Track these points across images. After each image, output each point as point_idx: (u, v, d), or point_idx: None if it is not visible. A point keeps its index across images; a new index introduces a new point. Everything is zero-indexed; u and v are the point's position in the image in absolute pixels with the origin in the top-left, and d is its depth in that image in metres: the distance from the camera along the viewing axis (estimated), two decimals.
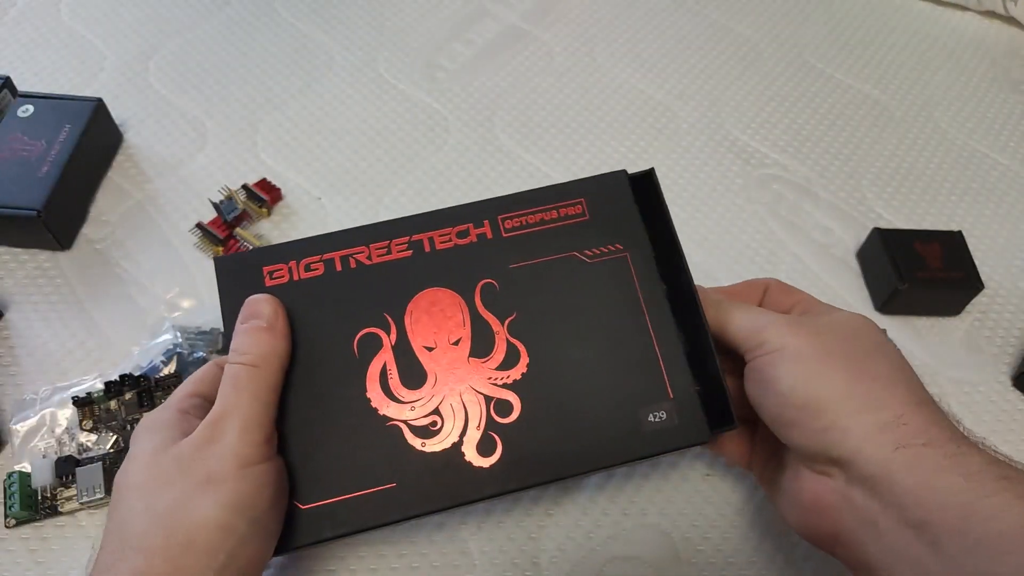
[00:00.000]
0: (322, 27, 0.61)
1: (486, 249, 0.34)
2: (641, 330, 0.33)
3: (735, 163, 0.55)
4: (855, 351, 0.31)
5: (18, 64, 0.56)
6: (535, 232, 0.34)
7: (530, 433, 0.31)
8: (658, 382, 0.32)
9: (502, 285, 0.33)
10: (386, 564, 0.37)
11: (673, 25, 0.64)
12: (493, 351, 0.32)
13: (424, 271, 0.33)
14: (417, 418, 0.31)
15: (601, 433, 0.31)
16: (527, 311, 0.33)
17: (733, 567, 0.38)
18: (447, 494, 0.30)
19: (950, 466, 0.27)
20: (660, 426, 0.32)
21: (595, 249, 0.34)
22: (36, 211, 0.43)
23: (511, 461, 0.31)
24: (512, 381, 0.32)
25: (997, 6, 0.64)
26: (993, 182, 0.55)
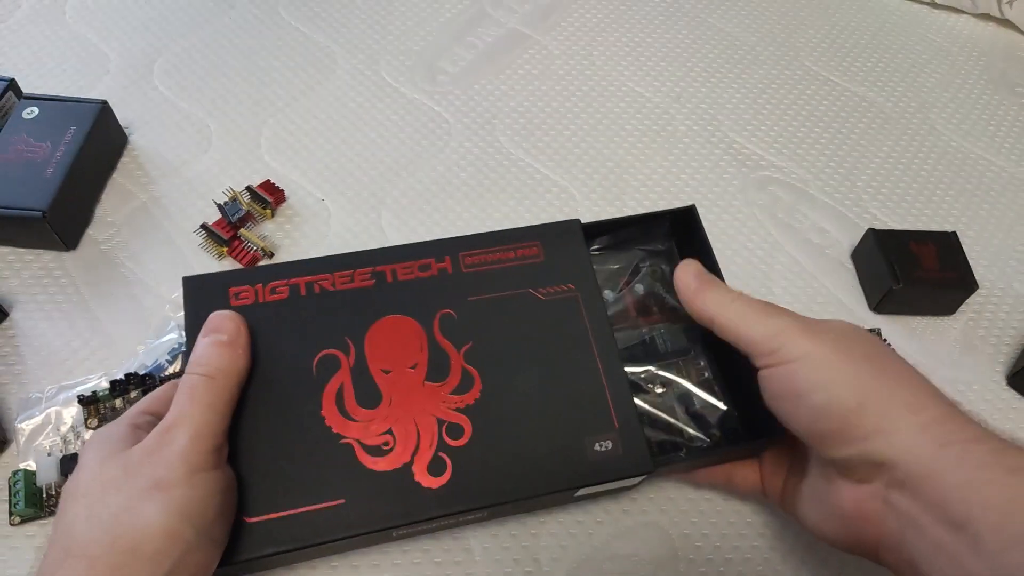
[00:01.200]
0: (325, 30, 0.62)
1: (446, 282, 0.36)
2: (589, 363, 0.34)
3: (731, 165, 0.55)
4: (878, 356, 0.30)
5: (23, 66, 0.57)
6: (493, 269, 0.36)
7: (479, 456, 0.32)
8: (604, 413, 0.33)
9: (460, 315, 0.35)
10: (389, 560, 0.38)
11: (671, 29, 0.64)
12: (448, 376, 0.34)
13: (386, 299, 0.35)
14: (370, 437, 0.32)
15: (548, 459, 0.33)
16: (483, 340, 0.34)
17: (731, 564, 0.38)
18: (395, 513, 0.31)
19: (994, 462, 0.27)
20: (605, 455, 0.33)
21: (548, 288, 0.36)
22: (41, 212, 0.44)
23: (459, 483, 0.32)
24: (465, 406, 0.33)
25: (992, 8, 0.65)
26: (988, 183, 0.55)
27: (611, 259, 0.40)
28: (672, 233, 0.41)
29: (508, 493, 0.32)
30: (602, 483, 0.33)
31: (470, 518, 0.33)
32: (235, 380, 0.31)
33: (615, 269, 0.40)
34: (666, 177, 0.54)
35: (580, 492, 0.34)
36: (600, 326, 0.35)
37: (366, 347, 0.34)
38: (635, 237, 0.41)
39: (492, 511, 0.33)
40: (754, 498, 0.39)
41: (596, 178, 0.54)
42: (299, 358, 0.33)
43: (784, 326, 0.31)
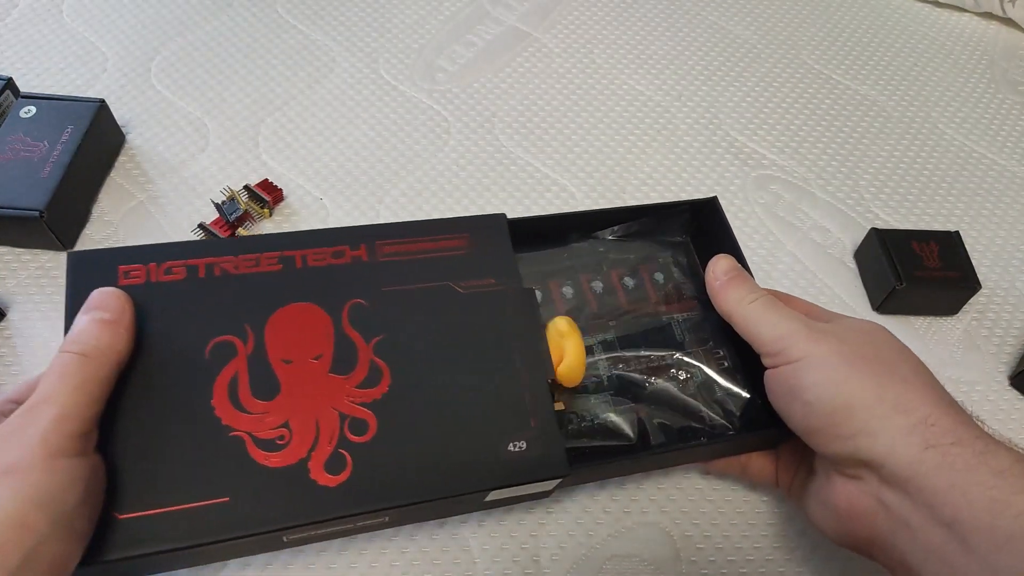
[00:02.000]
0: (323, 29, 0.61)
1: (360, 270, 0.33)
2: (508, 362, 0.33)
3: (733, 164, 0.55)
4: (878, 356, 0.31)
5: (20, 65, 0.57)
6: (411, 260, 0.34)
7: (384, 454, 0.30)
8: (521, 413, 0.32)
9: (372, 306, 0.33)
10: (387, 560, 0.37)
11: (671, 27, 0.64)
12: (355, 369, 0.31)
13: (292, 286, 0.33)
14: (264, 430, 0.30)
15: (458, 458, 0.31)
16: (395, 333, 0.32)
17: (733, 565, 0.38)
18: (285, 513, 0.29)
19: (978, 464, 0.27)
20: (519, 456, 0.31)
21: (470, 282, 0.34)
22: (39, 212, 0.44)
23: (360, 482, 0.29)
24: (371, 400, 0.31)
25: (995, 7, 0.65)
26: (990, 182, 0.55)
27: (628, 247, 0.40)
28: (690, 225, 0.41)
29: (413, 494, 0.30)
30: (514, 485, 0.31)
31: (371, 522, 0.31)
32: (112, 361, 0.28)
33: (632, 258, 0.40)
34: (667, 176, 0.54)
35: (492, 496, 0.32)
36: (522, 323, 0.33)
37: (267, 335, 0.31)
38: (652, 228, 0.40)
39: (397, 516, 0.31)
40: (766, 488, 0.39)
41: (596, 176, 0.54)
42: (191, 344, 0.30)
43: (792, 329, 0.32)
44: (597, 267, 0.39)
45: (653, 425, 0.36)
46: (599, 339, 0.38)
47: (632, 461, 0.36)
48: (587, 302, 0.39)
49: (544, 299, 0.38)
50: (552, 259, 0.40)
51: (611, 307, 0.39)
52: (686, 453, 0.37)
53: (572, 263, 0.40)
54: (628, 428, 0.36)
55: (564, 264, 0.39)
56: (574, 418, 0.36)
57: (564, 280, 0.39)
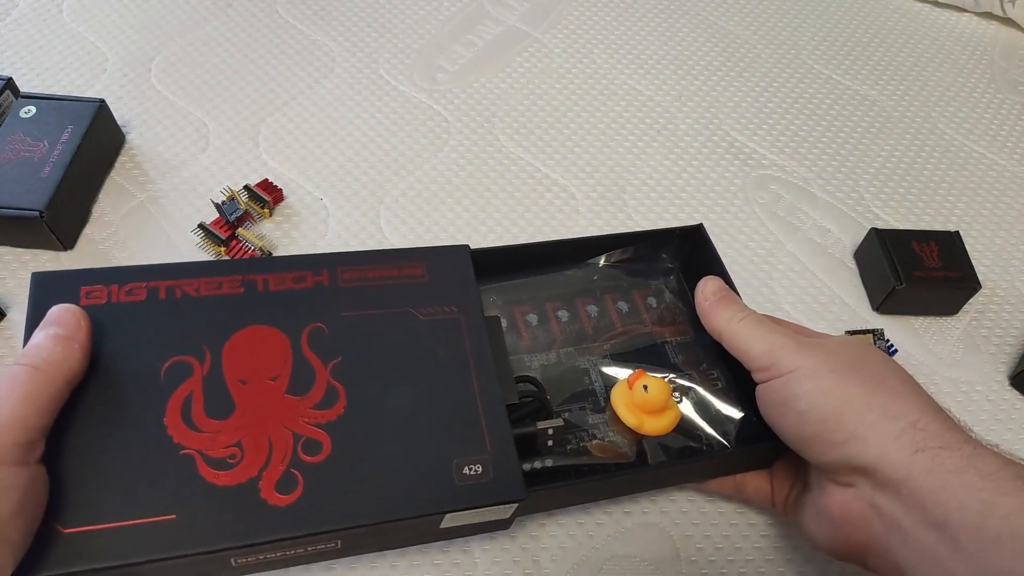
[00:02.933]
0: (323, 29, 0.61)
1: (320, 295, 0.34)
2: (466, 386, 0.33)
3: (733, 164, 0.55)
4: (866, 366, 0.32)
5: (20, 65, 0.57)
6: (372, 286, 0.35)
7: (336, 475, 0.30)
8: (478, 437, 0.32)
9: (331, 330, 0.33)
10: (387, 562, 0.37)
11: (671, 27, 0.64)
12: (311, 390, 0.32)
13: (253, 308, 0.33)
14: (215, 449, 0.30)
15: (412, 482, 0.31)
16: (353, 356, 0.33)
17: (733, 565, 0.38)
18: (232, 532, 0.28)
19: (967, 467, 0.28)
20: (474, 480, 0.31)
21: (429, 308, 0.35)
22: (38, 212, 0.44)
23: (310, 503, 0.29)
24: (326, 422, 0.31)
25: (995, 7, 0.65)
26: (990, 182, 0.55)
27: (621, 273, 0.41)
28: (680, 250, 0.42)
29: (364, 516, 0.29)
30: (469, 508, 0.31)
31: (322, 548, 0.31)
32: (63, 376, 0.28)
33: (625, 284, 0.41)
34: (667, 176, 0.54)
35: (447, 523, 0.32)
36: (481, 350, 0.34)
37: (224, 356, 0.32)
38: (644, 254, 0.41)
39: (347, 543, 0.31)
40: (763, 508, 0.39)
41: (596, 176, 0.54)
42: (147, 363, 0.31)
43: (781, 343, 0.33)
44: (592, 291, 0.40)
45: (652, 444, 0.37)
46: (595, 360, 0.39)
47: (630, 480, 0.36)
48: (583, 325, 0.40)
49: (540, 321, 0.39)
50: (547, 284, 0.40)
51: (606, 329, 0.40)
52: (683, 471, 0.37)
53: (567, 289, 0.40)
54: (626, 447, 0.36)
55: (560, 289, 0.40)
56: (571, 438, 0.36)
57: (560, 304, 0.40)
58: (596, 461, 0.36)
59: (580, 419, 0.37)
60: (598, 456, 0.36)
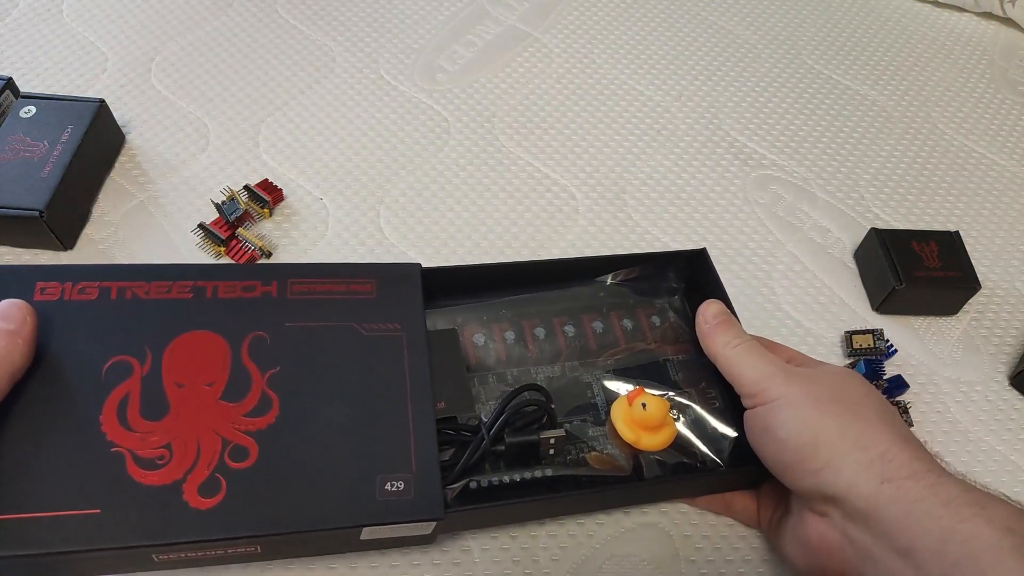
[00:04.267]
0: (323, 29, 0.61)
1: (267, 305, 0.35)
2: (400, 404, 0.33)
3: (733, 164, 0.55)
4: (845, 397, 0.33)
5: (20, 65, 0.57)
6: (319, 299, 0.35)
7: (260, 483, 0.31)
8: (404, 455, 0.32)
9: (273, 340, 0.34)
10: (387, 562, 0.37)
11: (671, 27, 0.64)
12: (246, 398, 0.32)
13: (198, 314, 0.34)
14: (146, 449, 0.30)
15: (334, 494, 0.31)
16: (292, 367, 0.33)
17: (731, 565, 0.38)
18: (152, 531, 0.29)
19: (929, 495, 0.29)
20: (395, 496, 0.31)
21: (374, 324, 0.35)
22: (39, 212, 0.44)
23: (231, 508, 0.30)
24: (256, 429, 0.32)
25: (995, 7, 0.65)
26: (990, 182, 0.55)
27: (627, 292, 0.42)
28: (684, 272, 0.43)
29: (282, 525, 0.30)
30: (387, 523, 0.31)
31: (243, 551, 0.31)
32: (5, 369, 0.29)
33: (631, 302, 0.42)
34: (667, 176, 0.54)
35: (367, 535, 0.32)
36: (419, 370, 0.34)
37: (164, 358, 0.32)
38: (650, 274, 0.42)
39: (268, 548, 0.31)
40: (749, 525, 0.39)
41: (596, 176, 0.54)
42: (90, 361, 0.32)
43: (770, 372, 0.34)
44: (598, 308, 0.41)
45: (648, 459, 0.37)
46: (598, 375, 0.40)
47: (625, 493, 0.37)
48: (588, 340, 0.40)
49: (547, 335, 0.40)
50: (556, 300, 0.41)
51: (610, 345, 0.40)
52: (676, 487, 0.38)
53: (574, 304, 0.41)
54: (623, 461, 0.37)
55: (567, 305, 0.41)
56: (572, 449, 0.37)
57: (567, 319, 0.41)
58: (594, 473, 0.36)
59: (581, 431, 0.38)
60: (596, 468, 0.37)
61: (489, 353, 0.39)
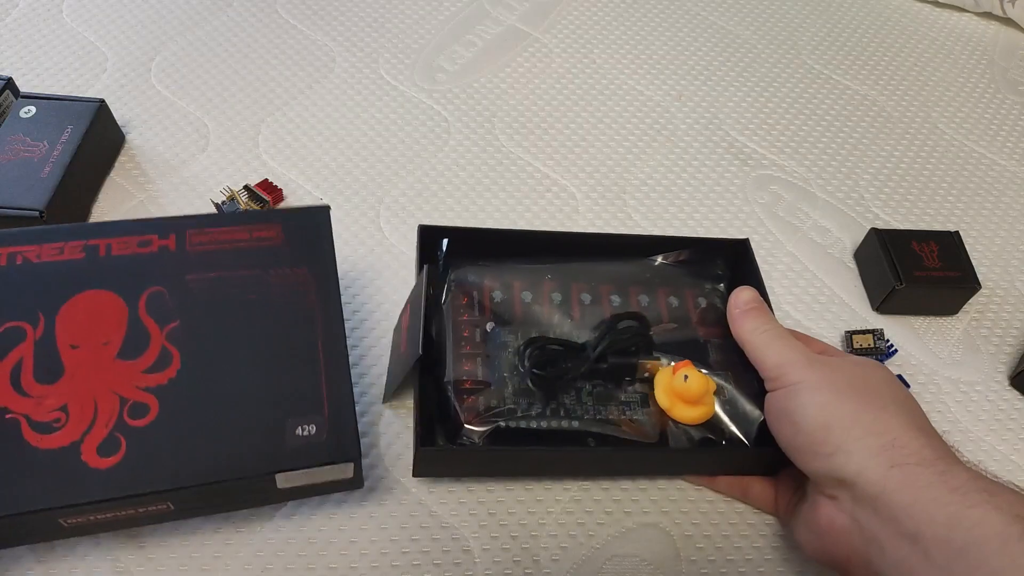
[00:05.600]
0: (323, 29, 0.61)
1: (165, 259, 0.34)
2: (309, 348, 0.33)
3: (733, 164, 0.55)
4: (865, 385, 0.34)
5: (20, 65, 0.57)
6: (221, 249, 0.34)
7: (162, 438, 0.30)
8: (314, 397, 0.32)
9: (172, 294, 0.33)
10: (387, 561, 0.37)
11: (671, 27, 0.64)
12: (144, 354, 0.32)
13: (93, 273, 0.33)
14: (41, 413, 0.30)
15: (241, 444, 0.30)
16: (192, 320, 0.33)
17: (732, 565, 0.38)
18: (52, 494, 0.29)
19: (938, 482, 0.29)
20: (307, 440, 0.31)
21: (279, 270, 0.34)
22: (39, 211, 0.44)
23: (132, 465, 0.29)
24: (156, 385, 0.31)
25: (995, 7, 0.65)
26: (990, 182, 0.55)
27: (676, 272, 0.43)
28: (732, 259, 0.44)
29: (186, 479, 0.29)
30: (297, 468, 0.30)
31: (152, 510, 0.31)
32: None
33: (679, 282, 0.43)
34: (667, 176, 0.54)
35: (284, 483, 0.31)
36: (330, 312, 0.34)
37: (58, 321, 0.32)
38: (699, 258, 0.44)
39: (180, 505, 0.31)
40: (766, 512, 0.40)
41: (596, 176, 0.54)
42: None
43: (792, 358, 0.35)
44: (646, 283, 0.42)
45: (676, 433, 0.38)
46: None
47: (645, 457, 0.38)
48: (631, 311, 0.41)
49: (593, 301, 0.41)
50: (604, 271, 0.42)
51: (655, 320, 0.41)
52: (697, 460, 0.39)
53: (622, 277, 0.42)
54: (650, 428, 0.38)
55: (615, 277, 0.42)
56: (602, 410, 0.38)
57: (613, 288, 0.42)
58: (620, 434, 0.38)
59: (614, 394, 0.39)
60: (623, 431, 0.38)
61: (532, 312, 0.40)
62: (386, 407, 0.42)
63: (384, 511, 0.39)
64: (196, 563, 0.37)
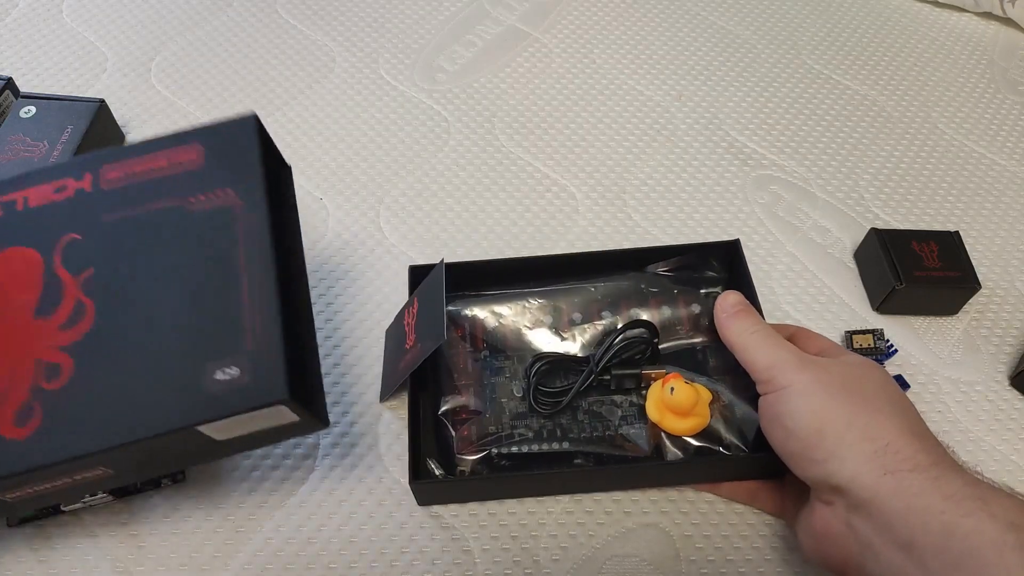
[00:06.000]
0: (323, 29, 0.61)
1: (80, 203, 0.31)
2: (231, 285, 0.30)
3: (733, 164, 0.55)
4: (859, 387, 0.33)
5: (20, 65, 0.57)
6: (138, 182, 0.32)
7: (78, 400, 0.28)
8: (236, 337, 0.29)
9: (88, 239, 0.31)
10: (386, 560, 0.37)
11: (671, 27, 0.64)
12: (59, 310, 0.29)
13: (10, 231, 0.31)
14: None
15: (160, 396, 0.28)
16: (108, 265, 0.30)
17: (732, 565, 0.38)
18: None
19: (931, 489, 0.29)
20: (230, 385, 0.28)
21: (202, 196, 0.31)
22: None
23: (50, 431, 0.28)
24: (71, 343, 0.29)
25: (995, 7, 0.65)
26: (990, 182, 0.55)
27: (670, 281, 0.43)
28: (725, 261, 0.44)
29: (103, 440, 0.27)
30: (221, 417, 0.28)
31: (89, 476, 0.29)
32: None
33: (674, 291, 0.43)
34: (667, 176, 0.54)
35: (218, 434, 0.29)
36: (256, 236, 0.30)
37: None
38: (694, 264, 0.44)
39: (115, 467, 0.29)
40: (776, 516, 0.39)
41: (596, 176, 0.54)
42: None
43: (782, 359, 0.34)
44: (640, 296, 0.43)
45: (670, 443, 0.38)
46: None
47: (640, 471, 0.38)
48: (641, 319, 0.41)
49: (584, 319, 0.42)
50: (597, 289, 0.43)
51: None
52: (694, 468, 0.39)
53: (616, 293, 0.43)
54: (644, 442, 0.38)
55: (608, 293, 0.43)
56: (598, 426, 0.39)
57: (605, 305, 0.42)
58: (612, 451, 0.38)
59: (609, 410, 0.39)
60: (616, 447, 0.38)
61: (524, 337, 0.41)
62: (385, 407, 0.42)
63: (384, 511, 0.39)
64: (196, 563, 0.37)
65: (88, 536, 0.38)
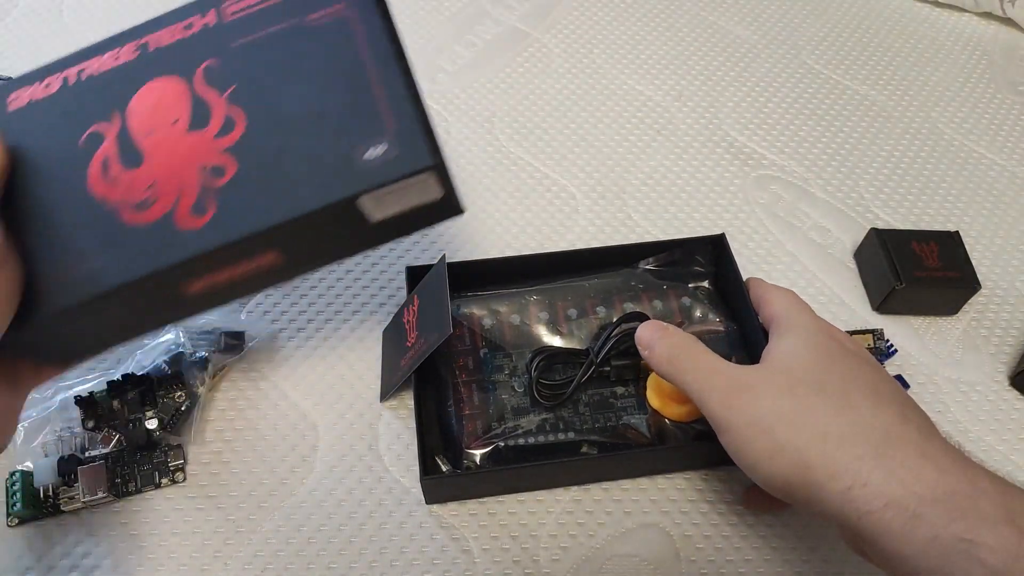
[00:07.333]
0: None
1: (209, 35, 0.35)
2: (361, 81, 0.34)
3: (732, 164, 0.55)
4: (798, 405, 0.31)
5: (20, 66, 0.56)
6: (258, 11, 0.36)
7: (245, 190, 0.32)
8: (377, 123, 0.33)
9: (223, 62, 0.35)
10: (386, 560, 0.37)
11: (671, 27, 0.64)
12: (211, 122, 0.33)
13: (150, 66, 0.35)
14: (133, 194, 0.32)
15: (322, 174, 0.32)
16: (246, 80, 0.34)
17: (732, 565, 0.38)
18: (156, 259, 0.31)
19: (909, 531, 0.28)
20: (382, 159, 0.32)
21: (318, 12, 0.35)
22: None
23: (224, 218, 0.32)
24: (230, 144, 0.33)
25: (994, 7, 0.65)
26: (990, 182, 0.55)
27: (661, 276, 0.44)
28: (712, 255, 0.45)
29: (275, 215, 0.31)
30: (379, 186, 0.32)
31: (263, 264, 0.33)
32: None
33: (664, 286, 0.44)
34: (667, 176, 0.54)
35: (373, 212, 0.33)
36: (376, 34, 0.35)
37: (129, 116, 0.34)
38: (683, 258, 0.45)
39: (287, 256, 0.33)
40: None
41: (596, 176, 0.54)
42: (66, 143, 0.34)
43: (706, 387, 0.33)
44: (631, 291, 0.44)
45: (672, 429, 0.39)
46: None
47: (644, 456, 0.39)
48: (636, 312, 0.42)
49: (579, 315, 0.43)
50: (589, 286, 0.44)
51: None
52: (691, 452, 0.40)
53: (607, 289, 0.44)
54: (646, 430, 0.39)
55: (599, 289, 0.44)
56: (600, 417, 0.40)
57: (599, 301, 0.43)
58: (616, 440, 0.39)
59: (610, 401, 0.40)
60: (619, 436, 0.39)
61: (522, 333, 0.42)
62: (385, 407, 0.42)
63: (384, 511, 0.39)
64: (196, 563, 0.37)
65: (88, 536, 0.38)
